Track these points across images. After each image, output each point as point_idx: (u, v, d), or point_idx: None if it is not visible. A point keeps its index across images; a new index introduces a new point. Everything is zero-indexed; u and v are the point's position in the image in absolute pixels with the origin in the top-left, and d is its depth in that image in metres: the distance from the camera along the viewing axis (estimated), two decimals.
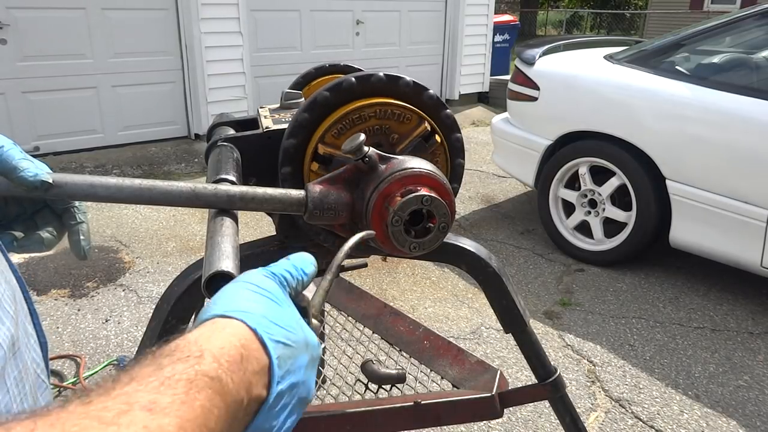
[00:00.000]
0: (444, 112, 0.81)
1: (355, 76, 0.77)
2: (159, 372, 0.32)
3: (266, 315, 0.40)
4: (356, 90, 0.77)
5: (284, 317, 0.41)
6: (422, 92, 0.79)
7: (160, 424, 0.28)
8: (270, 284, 0.44)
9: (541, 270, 3.18)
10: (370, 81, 0.77)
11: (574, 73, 3.34)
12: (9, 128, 4.35)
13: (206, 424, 0.31)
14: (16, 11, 4.24)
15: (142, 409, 0.28)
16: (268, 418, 0.38)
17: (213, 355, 0.34)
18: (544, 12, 23.20)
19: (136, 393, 0.29)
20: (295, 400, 0.40)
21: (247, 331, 0.38)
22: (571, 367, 2.34)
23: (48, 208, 0.63)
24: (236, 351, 0.36)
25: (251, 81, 5.37)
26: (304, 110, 0.77)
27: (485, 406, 1.07)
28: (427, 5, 6.72)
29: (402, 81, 0.78)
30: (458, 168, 0.83)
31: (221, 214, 0.65)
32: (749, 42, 3.11)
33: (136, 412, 0.28)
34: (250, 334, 0.38)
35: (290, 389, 0.40)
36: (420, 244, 0.67)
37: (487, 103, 7.49)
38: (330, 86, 0.76)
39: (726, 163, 2.68)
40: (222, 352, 0.35)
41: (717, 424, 2.03)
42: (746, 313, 2.76)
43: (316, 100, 0.76)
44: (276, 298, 0.43)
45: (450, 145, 0.81)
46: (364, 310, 1.42)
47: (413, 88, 0.78)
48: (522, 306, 1.01)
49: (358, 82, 0.76)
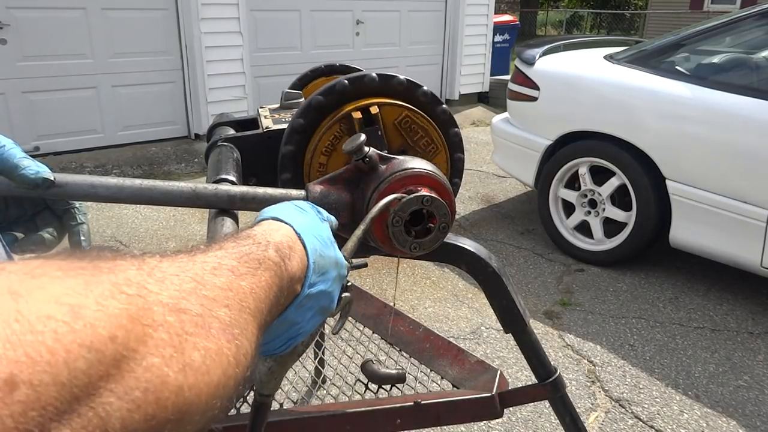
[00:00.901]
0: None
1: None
2: (240, 248, 0.40)
3: (308, 226, 0.48)
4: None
5: (321, 233, 0.49)
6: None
7: (240, 285, 0.36)
8: (309, 207, 0.53)
9: (541, 270, 3.18)
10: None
11: (574, 73, 3.34)
12: (9, 128, 4.35)
13: (267, 295, 0.39)
14: (16, 11, 4.24)
15: (228, 270, 0.37)
16: (297, 312, 0.45)
17: (275, 246, 0.43)
18: (544, 12, 23.21)
19: (224, 257, 0.38)
20: (320, 305, 0.48)
21: (294, 235, 0.46)
22: (571, 367, 2.34)
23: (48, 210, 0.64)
24: (288, 248, 0.44)
25: (251, 81, 5.37)
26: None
27: (485, 406, 1.07)
28: (427, 5, 6.72)
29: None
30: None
31: (222, 214, 0.65)
32: (749, 42, 3.11)
33: (224, 270, 0.36)
34: (296, 238, 0.46)
35: (318, 295, 0.47)
36: (420, 244, 0.67)
37: (487, 103, 7.49)
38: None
39: (726, 163, 2.68)
40: (280, 246, 0.43)
41: (717, 424, 2.03)
42: (746, 313, 2.76)
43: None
44: (314, 218, 0.51)
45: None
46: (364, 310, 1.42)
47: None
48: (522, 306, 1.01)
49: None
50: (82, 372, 0.24)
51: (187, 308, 0.31)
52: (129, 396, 0.26)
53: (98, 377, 0.25)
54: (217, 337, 0.32)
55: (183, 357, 0.29)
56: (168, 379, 0.28)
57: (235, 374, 0.33)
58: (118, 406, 0.25)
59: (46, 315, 0.24)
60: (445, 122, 0.81)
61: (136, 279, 0.30)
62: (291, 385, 1.43)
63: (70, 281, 0.27)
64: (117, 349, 0.26)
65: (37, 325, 0.23)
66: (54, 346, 0.23)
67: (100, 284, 0.27)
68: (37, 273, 0.26)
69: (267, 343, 0.46)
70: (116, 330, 0.26)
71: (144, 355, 0.27)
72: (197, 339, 0.30)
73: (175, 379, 0.28)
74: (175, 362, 0.28)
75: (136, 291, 0.29)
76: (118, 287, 0.28)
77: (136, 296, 0.29)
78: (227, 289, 0.35)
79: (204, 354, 0.30)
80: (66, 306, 0.25)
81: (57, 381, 0.23)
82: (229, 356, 0.32)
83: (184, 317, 0.30)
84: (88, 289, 0.27)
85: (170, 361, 0.28)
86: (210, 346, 0.31)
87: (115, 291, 0.28)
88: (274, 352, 0.48)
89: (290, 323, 0.46)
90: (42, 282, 0.26)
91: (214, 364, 0.31)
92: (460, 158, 0.83)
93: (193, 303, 0.32)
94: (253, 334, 0.36)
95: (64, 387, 0.23)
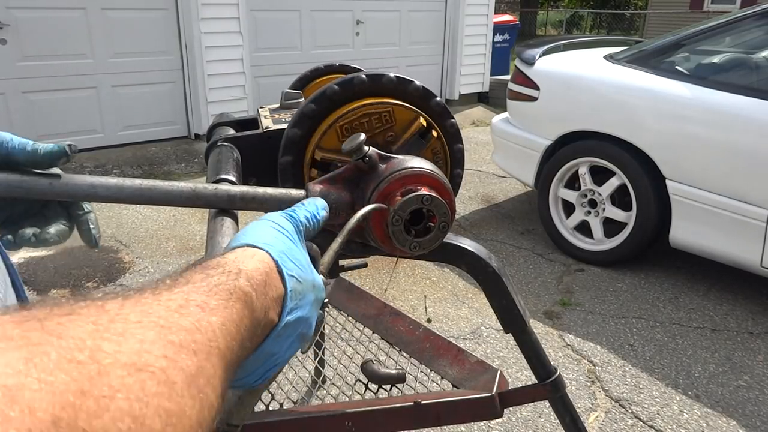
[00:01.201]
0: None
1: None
2: (209, 279, 0.38)
3: (285, 251, 0.46)
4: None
5: (299, 256, 0.47)
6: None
7: (209, 320, 0.34)
8: (289, 226, 0.49)
9: (541, 270, 3.18)
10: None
11: (574, 73, 3.34)
12: (9, 128, 4.33)
13: (239, 329, 0.37)
14: (16, 11, 4.24)
15: (197, 306, 0.34)
16: (275, 342, 0.43)
17: (246, 274, 0.40)
18: (544, 12, 23.21)
19: (191, 293, 0.35)
20: (298, 332, 0.45)
21: (270, 261, 0.44)
22: (571, 367, 2.34)
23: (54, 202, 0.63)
24: (262, 276, 0.41)
25: (251, 81, 5.37)
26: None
27: (485, 406, 1.07)
28: (427, 5, 6.72)
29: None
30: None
31: (221, 214, 0.65)
32: (749, 42, 3.11)
33: (192, 307, 0.34)
34: (273, 265, 0.43)
35: (296, 322, 0.44)
36: (420, 243, 0.67)
37: (487, 103, 7.49)
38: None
39: (726, 163, 2.68)
40: (252, 275, 0.40)
41: (717, 424, 2.03)
42: (746, 313, 2.76)
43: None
44: (293, 238, 0.48)
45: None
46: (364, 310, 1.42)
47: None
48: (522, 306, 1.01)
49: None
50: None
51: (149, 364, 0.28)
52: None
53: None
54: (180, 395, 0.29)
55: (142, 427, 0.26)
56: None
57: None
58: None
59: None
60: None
61: (91, 340, 0.27)
62: (291, 385, 1.43)
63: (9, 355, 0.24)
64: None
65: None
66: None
67: (46, 354, 0.25)
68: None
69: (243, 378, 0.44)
70: (61, 411, 0.23)
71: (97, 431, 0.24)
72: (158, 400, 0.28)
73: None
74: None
75: (89, 355, 0.26)
76: (69, 353, 0.25)
77: (89, 362, 0.26)
78: (195, 331, 0.33)
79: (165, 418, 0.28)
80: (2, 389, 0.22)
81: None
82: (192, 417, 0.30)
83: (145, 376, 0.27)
84: (31, 363, 0.24)
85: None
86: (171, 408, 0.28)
87: (62, 361, 0.25)
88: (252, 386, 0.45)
89: (267, 355, 0.43)
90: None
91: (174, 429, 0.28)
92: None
93: (157, 354, 0.29)
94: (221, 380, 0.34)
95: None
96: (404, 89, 0.78)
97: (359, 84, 0.76)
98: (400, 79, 0.78)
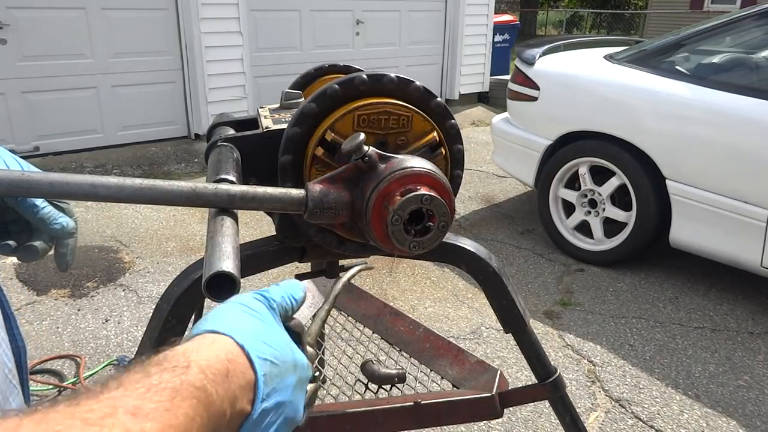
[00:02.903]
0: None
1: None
2: (146, 379, 0.33)
3: (254, 333, 0.41)
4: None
5: (272, 337, 0.43)
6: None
7: (142, 428, 0.29)
8: (259, 306, 0.45)
9: (541, 270, 3.18)
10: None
11: (574, 73, 3.34)
12: (9, 128, 4.35)
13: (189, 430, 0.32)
14: (16, 11, 4.24)
15: (126, 412, 0.29)
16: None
17: (200, 366, 0.35)
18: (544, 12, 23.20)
19: (122, 398, 0.30)
20: (281, 419, 0.41)
21: (234, 346, 0.39)
22: (571, 367, 2.34)
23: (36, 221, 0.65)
24: (222, 365, 0.37)
25: (251, 81, 5.37)
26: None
27: (485, 406, 1.07)
28: (427, 5, 6.72)
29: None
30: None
31: (221, 213, 0.65)
32: (749, 42, 3.11)
33: (120, 415, 0.29)
34: (238, 350, 0.39)
35: (276, 408, 0.40)
36: (420, 243, 0.67)
37: (487, 103, 7.49)
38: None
39: (726, 163, 2.68)
40: (208, 365, 0.36)
41: (717, 424, 2.03)
42: (746, 313, 2.76)
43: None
44: (265, 318, 0.44)
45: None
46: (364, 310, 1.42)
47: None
48: (522, 306, 1.01)
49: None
50: None
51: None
52: None
53: None
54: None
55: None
56: None
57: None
58: None
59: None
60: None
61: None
62: None
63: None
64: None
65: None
66: None
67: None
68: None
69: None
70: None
71: None
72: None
73: None
74: None
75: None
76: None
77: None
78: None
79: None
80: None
81: None
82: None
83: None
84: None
85: None
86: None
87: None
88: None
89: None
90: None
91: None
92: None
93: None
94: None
95: None
96: (405, 89, 0.78)
97: (360, 84, 0.76)
98: (401, 79, 0.78)
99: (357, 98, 0.77)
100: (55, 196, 0.58)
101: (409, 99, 0.78)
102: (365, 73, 0.77)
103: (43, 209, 0.61)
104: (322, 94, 0.77)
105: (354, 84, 0.76)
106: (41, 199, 0.61)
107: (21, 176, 0.56)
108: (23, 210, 0.60)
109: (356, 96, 0.77)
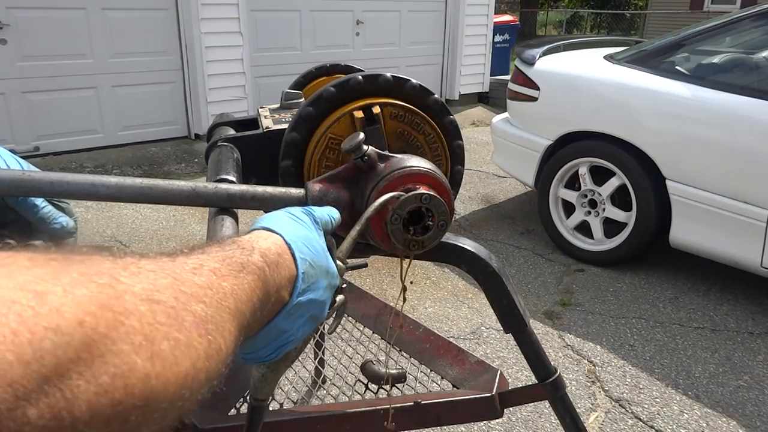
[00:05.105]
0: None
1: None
2: (222, 252, 0.41)
3: (300, 237, 0.49)
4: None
5: (313, 243, 0.50)
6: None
7: (220, 284, 0.37)
8: (305, 217, 0.53)
9: (541, 270, 3.18)
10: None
11: (574, 73, 3.34)
12: (9, 128, 4.36)
13: (250, 298, 0.40)
14: (16, 11, 4.24)
15: (210, 270, 0.37)
16: (286, 320, 0.46)
17: (261, 252, 0.43)
18: (544, 12, 23.21)
19: (206, 260, 0.38)
20: (310, 314, 0.48)
21: (284, 244, 0.47)
22: (571, 367, 2.34)
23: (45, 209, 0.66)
24: (275, 256, 0.45)
25: (251, 81, 5.37)
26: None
27: (485, 406, 1.07)
28: (427, 5, 6.72)
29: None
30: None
31: (221, 213, 0.66)
32: (749, 42, 3.11)
33: (205, 270, 0.37)
34: (286, 247, 0.47)
35: (308, 303, 0.47)
36: (419, 242, 0.67)
37: (487, 103, 7.49)
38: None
39: (726, 164, 2.68)
40: (267, 252, 0.44)
41: (717, 424, 2.03)
42: (746, 313, 2.76)
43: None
44: (309, 227, 0.52)
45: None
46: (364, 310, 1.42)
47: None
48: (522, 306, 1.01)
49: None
50: (48, 353, 0.24)
51: (160, 299, 0.31)
52: (97, 380, 0.26)
53: (67, 360, 0.25)
54: (188, 330, 0.32)
55: (152, 346, 0.29)
56: (136, 367, 0.28)
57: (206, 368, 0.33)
58: (85, 389, 0.26)
59: (10, 299, 0.24)
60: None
61: (109, 270, 0.30)
62: (291, 385, 1.43)
63: (38, 270, 0.27)
64: (86, 333, 0.26)
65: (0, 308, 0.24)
66: (17, 327, 0.24)
67: (69, 274, 0.28)
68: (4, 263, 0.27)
69: (257, 350, 0.47)
70: (84, 315, 0.26)
71: (114, 340, 0.27)
72: (168, 329, 0.31)
73: (143, 366, 0.28)
74: (144, 350, 0.29)
75: (108, 281, 0.29)
76: (88, 277, 0.28)
77: (107, 286, 0.29)
78: (206, 288, 0.36)
79: (173, 345, 0.31)
80: (31, 292, 0.25)
81: (21, 360, 0.23)
82: (200, 350, 0.33)
83: (156, 307, 0.31)
84: (56, 277, 0.27)
85: (139, 349, 0.28)
86: (180, 338, 0.31)
87: (84, 280, 0.28)
88: (265, 360, 0.49)
89: (279, 331, 0.46)
90: (9, 271, 0.26)
91: (183, 356, 0.31)
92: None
93: (167, 296, 0.32)
94: (231, 333, 0.36)
95: (29, 366, 0.23)
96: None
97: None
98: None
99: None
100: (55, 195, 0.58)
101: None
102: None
103: (43, 209, 0.62)
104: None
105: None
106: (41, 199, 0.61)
107: (21, 176, 0.56)
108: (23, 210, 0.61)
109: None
